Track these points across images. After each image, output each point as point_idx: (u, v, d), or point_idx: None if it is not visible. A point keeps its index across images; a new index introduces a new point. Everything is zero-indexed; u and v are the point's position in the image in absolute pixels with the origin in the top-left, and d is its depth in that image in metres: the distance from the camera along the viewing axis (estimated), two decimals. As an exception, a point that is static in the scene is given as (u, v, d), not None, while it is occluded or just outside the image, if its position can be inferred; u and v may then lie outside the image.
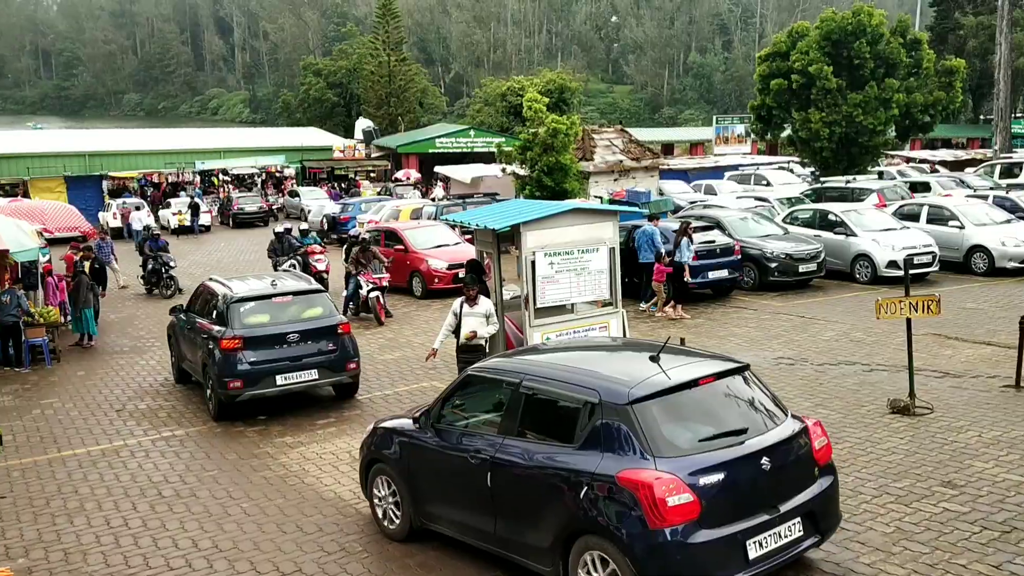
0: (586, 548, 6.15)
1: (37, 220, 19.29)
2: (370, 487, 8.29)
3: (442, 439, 7.44)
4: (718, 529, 5.88)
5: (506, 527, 6.80)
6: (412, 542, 7.87)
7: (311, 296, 12.84)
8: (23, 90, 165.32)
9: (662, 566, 5.77)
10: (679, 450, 6.05)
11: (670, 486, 5.77)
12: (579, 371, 6.75)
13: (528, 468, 6.57)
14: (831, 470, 6.79)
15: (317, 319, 12.43)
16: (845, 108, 31.82)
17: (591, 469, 6.10)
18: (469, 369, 7.78)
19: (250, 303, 12.39)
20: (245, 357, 11.83)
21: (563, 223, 11.51)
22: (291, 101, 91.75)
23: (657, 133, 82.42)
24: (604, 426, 6.18)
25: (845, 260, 20.27)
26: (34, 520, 9.01)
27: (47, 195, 42.24)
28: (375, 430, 8.32)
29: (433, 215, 27.25)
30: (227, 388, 11.76)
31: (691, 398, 6.43)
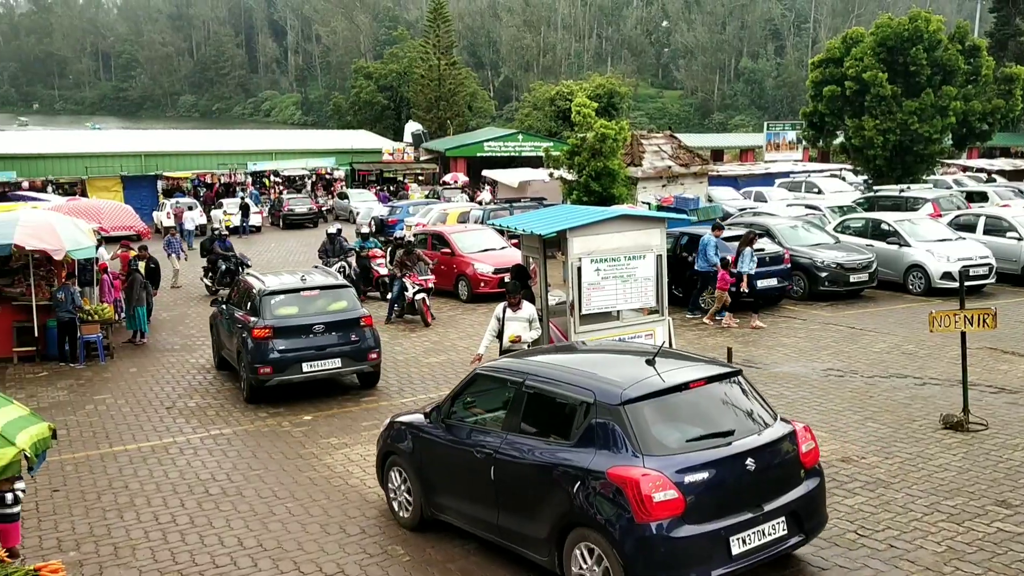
0: (579, 540, 6.49)
1: (94, 219, 19.70)
2: (385, 479, 8.70)
3: (451, 434, 7.83)
4: (702, 525, 6.19)
5: (507, 518, 7.17)
6: (450, 545, 7.90)
7: (337, 291, 13.81)
8: (83, 91, 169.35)
9: (647, 558, 6.09)
10: (667, 449, 6.39)
11: (656, 483, 6.10)
12: (577, 372, 7.14)
13: (528, 463, 6.95)
14: (817, 473, 7.02)
15: (341, 312, 13.40)
16: (900, 116, 31.27)
17: (585, 465, 6.45)
18: (477, 368, 8.18)
19: (280, 296, 13.35)
20: (275, 345, 12.79)
21: (610, 229, 11.46)
22: (342, 104, 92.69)
23: (707, 139, 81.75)
24: (598, 425, 6.54)
25: (898, 271, 19.91)
26: (86, 514, 9.19)
27: (104, 194, 43.17)
28: (391, 424, 8.74)
29: (480, 219, 27.31)
30: (257, 373, 12.72)
31: (681, 400, 6.75)
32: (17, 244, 15.01)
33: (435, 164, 57.75)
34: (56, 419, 12.13)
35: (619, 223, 11.63)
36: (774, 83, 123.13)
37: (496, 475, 7.19)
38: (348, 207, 43.73)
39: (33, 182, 44.68)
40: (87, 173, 48.14)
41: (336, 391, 13.62)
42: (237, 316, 13.82)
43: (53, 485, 10.02)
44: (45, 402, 13.65)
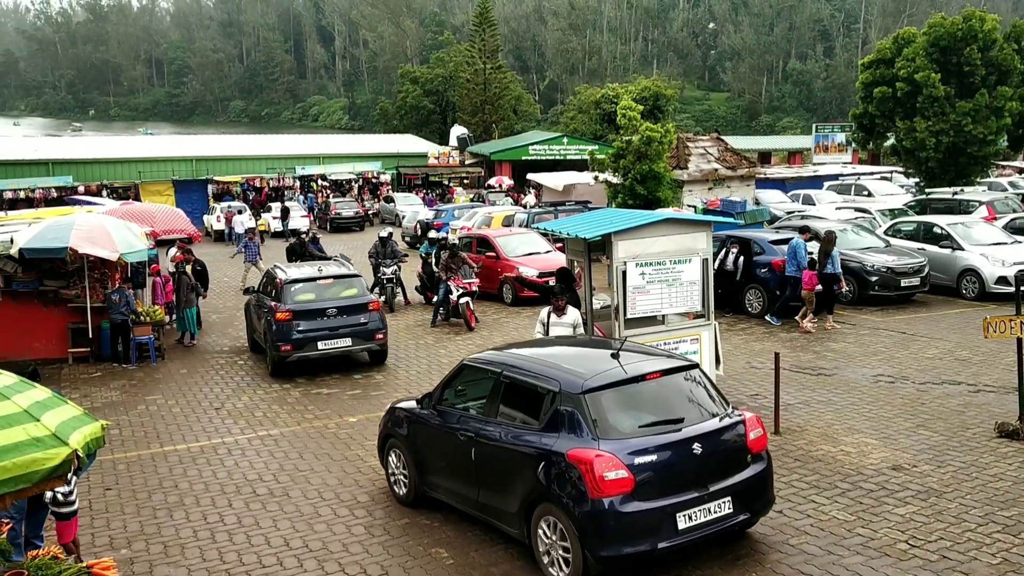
0: (543, 514, 7.22)
1: (146, 222, 20.08)
2: (385, 459, 9.56)
3: (440, 419, 8.61)
4: (650, 502, 6.85)
5: (486, 495, 7.94)
6: (493, 548, 7.91)
7: (348, 279, 15.76)
8: (137, 97, 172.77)
9: (600, 530, 6.77)
10: (621, 433, 7.08)
11: (609, 463, 6.78)
12: (547, 364, 7.88)
13: (503, 445, 7.69)
14: (763, 458, 7.61)
15: (352, 298, 15.34)
16: (953, 117, 30.62)
17: (549, 447, 7.18)
18: (465, 360, 8.92)
19: (299, 284, 15.35)
20: (294, 326, 14.73)
21: (655, 233, 11.37)
22: (388, 108, 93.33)
23: (754, 141, 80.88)
24: (562, 411, 7.28)
25: (951, 275, 19.51)
26: (136, 512, 9.37)
27: (156, 198, 44.07)
28: (391, 409, 9.59)
29: (525, 222, 27.32)
30: (279, 351, 14.70)
31: (637, 390, 7.47)
32: (72, 248, 15.35)
33: (480, 168, 57.91)
34: (109, 419, 12.36)
35: (664, 226, 11.54)
36: (823, 84, 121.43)
37: (476, 456, 7.94)
38: (394, 211, 44.03)
39: (88, 186, 45.68)
40: (140, 177, 49.10)
41: (383, 395, 13.71)
42: (265, 303, 15.68)
43: (106, 484, 10.23)
44: (98, 402, 13.94)
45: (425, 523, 8.69)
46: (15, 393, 5.90)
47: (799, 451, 10.16)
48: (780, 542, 7.90)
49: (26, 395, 5.96)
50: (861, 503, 8.63)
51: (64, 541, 7.36)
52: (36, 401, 5.95)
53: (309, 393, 14.01)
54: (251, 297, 17.12)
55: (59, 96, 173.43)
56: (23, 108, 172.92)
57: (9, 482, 5.46)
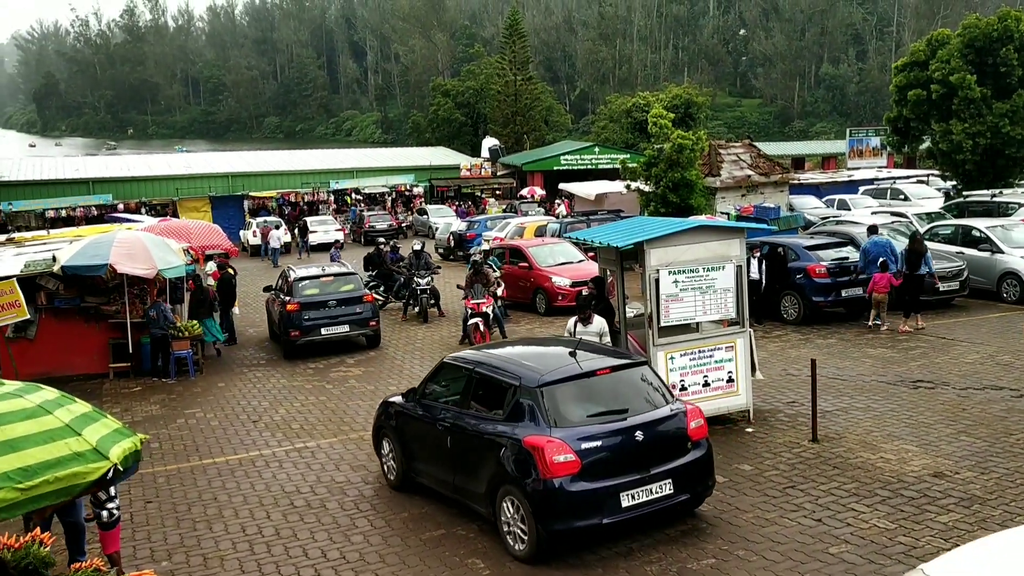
0: (505, 495, 8.05)
1: (184, 238, 20.35)
2: (378, 447, 10.51)
3: (423, 411, 9.54)
4: (596, 482, 7.72)
5: (460, 479, 8.81)
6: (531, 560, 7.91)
7: (346, 277, 19.05)
8: (174, 115, 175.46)
9: (550, 507, 7.64)
10: (570, 422, 7.97)
11: (558, 448, 7.67)
12: (512, 362, 8.78)
13: (473, 433, 8.58)
14: (704, 445, 8.42)
15: (349, 292, 18.52)
16: (990, 118, 30.13)
17: (510, 434, 8.06)
18: (445, 358, 9.82)
19: (306, 280, 18.57)
20: (301, 316, 17.78)
21: (688, 240, 11.32)
22: (420, 121, 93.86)
23: (787, 147, 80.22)
24: (521, 403, 8.16)
25: (991, 278, 19.20)
26: (176, 525, 9.48)
27: (194, 214, 44.61)
28: (383, 403, 10.61)
29: (557, 232, 27.32)
30: (290, 336, 17.84)
31: (589, 384, 8.37)
32: (112, 265, 15.58)
33: (512, 179, 58.02)
34: (149, 432, 12.54)
35: (697, 234, 11.48)
36: (856, 89, 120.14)
37: (452, 444, 8.86)
38: (427, 223, 44.25)
39: (127, 204, 46.42)
40: (178, 194, 49.79)
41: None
42: (279, 297, 18.73)
43: (146, 497, 10.37)
44: (139, 416, 14.14)
45: (461, 534, 8.71)
46: (57, 408, 6.02)
47: (838, 459, 10.05)
48: (819, 551, 7.82)
49: (67, 409, 6.08)
50: (902, 511, 8.51)
51: (108, 551, 7.47)
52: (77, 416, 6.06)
53: (345, 405, 14.11)
54: (270, 294, 19.95)
55: (99, 116, 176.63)
56: (64, 129, 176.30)
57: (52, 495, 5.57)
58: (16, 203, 45.01)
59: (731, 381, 11.59)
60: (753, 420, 11.69)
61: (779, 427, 11.42)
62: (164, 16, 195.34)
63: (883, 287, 16.78)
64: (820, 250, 18.62)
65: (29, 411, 5.86)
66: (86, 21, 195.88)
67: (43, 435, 5.71)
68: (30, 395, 6.07)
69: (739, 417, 11.81)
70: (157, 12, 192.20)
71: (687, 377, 11.33)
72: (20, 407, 5.86)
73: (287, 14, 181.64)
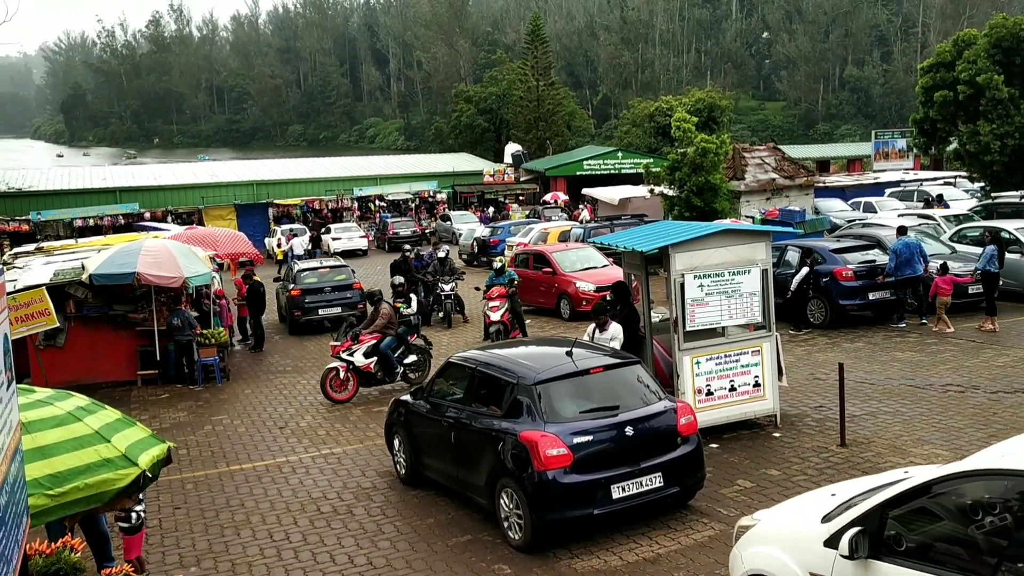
0: (503, 487, 8.45)
1: (210, 246, 20.54)
2: (390, 443, 11.00)
3: (429, 407, 9.98)
4: (588, 475, 8.12)
5: (463, 472, 9.23)
6: (556, 563, 7.87)
7: (340, 268, 22.97)
8: (199, 125, 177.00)
9: (544, 498, 8.02)
10: (564, 418, 8.38)
11: (551, 442, 8.05)
12: (511, 361, 9.20)
13: (474, 429, 8.99)
14: (694, 441, 8.80)
15: (342, 280, 22.33)
16: (1018, 119, 29.78)
17: (507, 430, 8.45)
18: (450, 358, 10.32)
19: (306, 271, 22.68)
20: (302, 300, 21.78)
21: (713, 244, 11.27)
22: (443, 128, 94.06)
23: (812, 150, 79.66)
24: (519, 400, 8.56)
25: (1020, 281, 18.95)
26: (205, 531, 9.54)
27: (219, 222, 44.97)
28: (394, 401, 11.05)
29: (581, 237, 27.28)
30: (293, 316, 21.87)
31: (582, 382, 8.80)
32: (139, 274, 15.73)
33: (535, 184, 58.02)
34: (177, 439, 12.64)
35: (722, 238, 11.42)
36: (881, 90, 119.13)
37: (455, 439, 9.28)
38: (451, 229, 44.34)
39: (154, 212, 46.88)
40: (203, 203, 50.19)
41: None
42: (286, 284, 22.59)
43: (175, 503, 10.45)
44: (167, 423, 14.26)
45: (488, 539, 8.71)
46: (87, 415, 6.08)
47: (867, 463, 9.95)
48: (849, 557, 7.72)
49: (97, 416, 6.14)
50: (932, 516, 8.39)
51: (130, 556, 7.53)
52: (107, 423, 6.12)
53: (370, 412, 14.15)
54: (280, 285, 23.67)
55: (125, 126, 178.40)
56: (91, 139, 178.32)
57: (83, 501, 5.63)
58: (45, 212, 45.56)
59: (758, 385, 11.51)
60: (780, 425, 11.60)
61: (807, 432, 11.33)
62: (189, 26, 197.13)
63: (947, 289, 16.67)
64: (847, 253, 18.45)
65: (60, 418, 5.92)
66: (112, 32, 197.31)
67: (73, 442, 5.77)
68: (60, 402, 6.15)
69: (766, 422, 11.73)
70: (182, 22, 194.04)
71: (713, 382, 11.27)
72: (51, 414, 5.93)
73: (310, 23, 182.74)
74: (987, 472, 4.93)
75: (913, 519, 5.17)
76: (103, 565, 7.59)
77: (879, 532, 5.15)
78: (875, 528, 5.16)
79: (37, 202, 47.58)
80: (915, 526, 5.15)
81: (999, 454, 5.07)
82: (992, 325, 16.60)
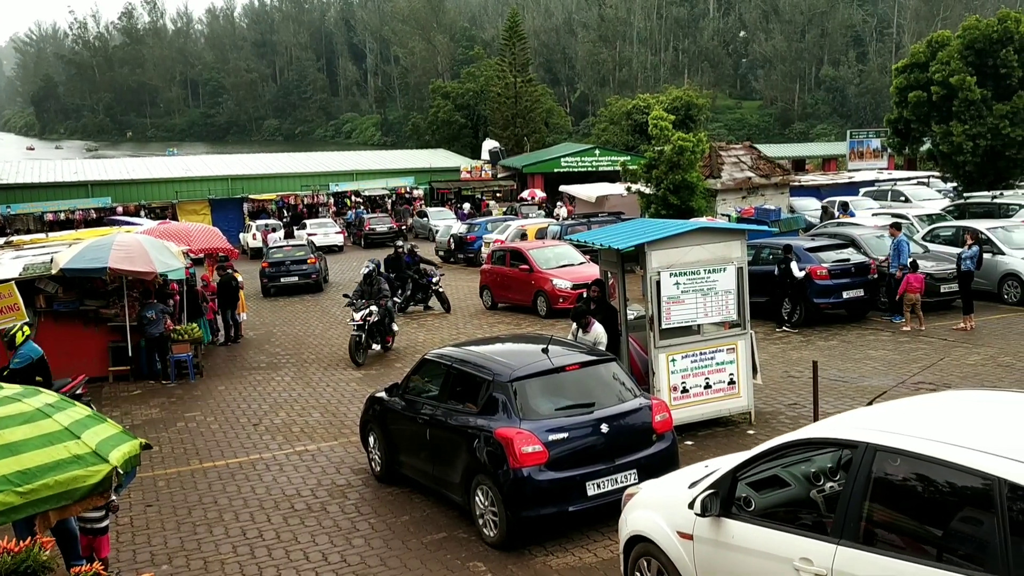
0: (479, 484, 8.45)
1: (184, 241, 20.33)
2: (365, 441, 10.93)
3: (404, 404, 9.93)
4: (563, 472, 8.14)
5: (438, 469, 9.22)
6: (532, 561, 7.86)
7: (301, 247, 29.77)
8: (173, 118, 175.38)
9: (519, 495, 8.02)
10: (539, 415, 8.38)
11: (527, 439, 8.05)
12: (487, 358, 9.18)
13: (450, 426, 8.97)
14: (669, 438, 8.87)
15: (301, 256, 28.64)
16: (991, 120, 30.12)
17: (483, 427, 8.43)
18: (426, 355, 10.25)
19: (274, 248, 29.88)
20: (271, 271, 28.15)
21: (689, 242, 11.31)
22: (420, 123, 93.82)
23: (787, 149, 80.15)
24: (494, 397, 8.55)
25: (992, 280, 19.18)
26: (177, 528, 9.45)
27: (193, 217, 44.58)
28: (369, 398, 11.00)
29: (558, 234, 27.31)
30: (264, 284, 28.09)
31: (558, 379, 8.78)
32: (111, 267, 15.55)
33: (512, 181, 57.99)
34: (149, 436, 12.51)
35: (698, 236, 11.46)
36: (856, 90, 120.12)
37: (431, 436, 9.26)
38: (427, 225, 44.22)
39: (127, 207, 46.40)
40: (177, 197, 49.74)
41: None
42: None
43: (147, 500, 10.34)
44: (139, 419, 14.11)
45: (463, 537, 8.69)
46: (56, 411, 5.99)
47: (840, 461, 10.00)
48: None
49: (67, 413, 6.05)
50: (904, 513, 8.47)
51: (103, 555, 7.44)
52: (76, 419, 6.03)
53: (346, 408, 14.07)
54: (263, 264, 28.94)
55: (97, 119, 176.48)
56: (62, 131, 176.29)
57: (52, 499, 5.54)
58: (15, 206, 44.97)
59: (733, 383, 11.57)
60: (755, 422, 11.66)
61: (781, 429, 11.38)
62: (163, 18, 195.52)
63: (917, 287, 16.82)
64: (821, 252, 18.59)
65: (28, 415, 5.83)
66: (84, 24, 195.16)
67: (42, 438, 5.68)
68: (29, 399, 6.05)
69: (741, 419, 11.79)
70: (156, 14, 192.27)
71: (689, 379, 11.31)
72: (19, 411, 5.84)
73: (286, 16, 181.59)
74: (815, 441, 5.70)
75: (763, 483, 5.91)
76: (71, 563, 7.49)
77: (730, 494, 5.78)
78: (726, 490, 5.79)
79: (7, 195, 46.90)
80: (763, 489, 5.90)
81: (830, 424, 5.81)
82: (969, 323, 16.77)
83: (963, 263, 17.04)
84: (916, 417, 5.45)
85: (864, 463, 5.08)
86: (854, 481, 5.11)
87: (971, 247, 17.20)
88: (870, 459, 5.06)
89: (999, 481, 4.40)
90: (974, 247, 17.21)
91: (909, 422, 5.31)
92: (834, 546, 5.05)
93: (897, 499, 5.10)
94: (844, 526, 5.07)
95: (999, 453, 4.54)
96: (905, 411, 5.62)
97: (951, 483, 4.74)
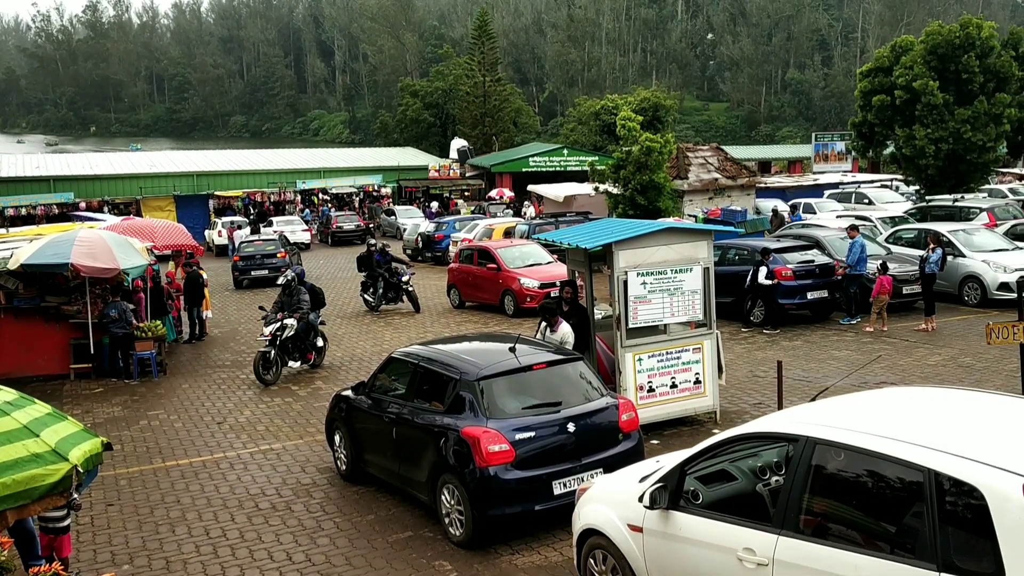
0: (445, 483, 8.44)
1: (148, 237, 20.09)
2: (331, 439, 10.89)
3: (371, 403, 9.89)
4: (529, 471, 8.13)
5: (404, 468, 9.19)
6: (498, 560, 7.87)
7: (271, 241, 31.74)
8: (138, 113, 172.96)
9: (486, 494, 8.01)
10: (506, 414, 8.34)
11: (493, 438, 8.03)
12: (454, 356, 9.18)
13: (416, 424, 8.94)
14: (635, 437, 8.92)
15: (271, 250, 30.35)
16: (952, 124, 30.61)
17: (449, 425, 8.41)
18: (393, 353, 10.20)
19: (245, 243, 31.47)
20: (243, 264, 29.90)
21: (656, 242, 11.36)
22: (389, 122, 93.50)
23: (753, 151, 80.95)
24: (461, 395, 8.53)
25: (952, 282, 19.48)
26: (139, 528, 9.33)
27: (158, 213, 44.13)
28: (335, 396, 10.92)
29: (526, 233, 27.33)
30: (235, 277, 30.01)
31: (525, 378, 8.77)
32: (74, 264, 15.31)
33: (481, 180, 57.98)
34: (111, 434, 12.35)
35: (665, 236, 11.52)
36: (822, 94, 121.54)
37: (397, 435, 9.21)
38: (395, 223, 44.06)
39: (90, 202, 45.78)
40: (141, 193, 49.20)
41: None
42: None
43: (108, 499, 10.20)
44: (100, 418, 13.91)
45: (429, 536, 8.66)
46: (15, 409, 5.89)
47: (803, 460, 10.10)
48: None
49: (26, 411, 5.95)
50: (866, 511, 8.57)
51: (62, 555, 7.33)
52: (35, 417, 5.94)
53: (311, 407, 13.99)
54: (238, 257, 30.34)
55: (60, 113, 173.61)
56: (24, 126, 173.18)
57: (10, 498, 5.45)
58: (-25, 201, 44.22)
59: (698, 383, 11.65)
60: (720, 421, 11.75)
61: (745, 428, 11.47)
62: (128, 12, 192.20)
63: (888, 289, 17.07)
64: (786, 253, 18.77)
65: (-14, 412, 5.73)
66: (48, 16, 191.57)
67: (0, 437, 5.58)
68: (-13, 396, 5.94)
69: (706, 418, 11.87)
70: (121, 8, 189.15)
71: (655, 378, 11.37)
72: (-24, 408, 5.73)
73: (254, 12, 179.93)
74: (758, 435, 5.86)
75: (712, 477, 6.06)
76: (30, 563, 7.37)
77: (678, 487, 5.93)
78: (675, 484, 5.94)
79: (-34, 190, 46.14)
80: (711, 483, 6.05)
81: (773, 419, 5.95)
82: (931, 325, 17.03)
83: (927, 266, 17.29)
84: (855, 412, 5.64)
85: (804, 456, 5.26)
86: (795, 473, 5.29)
87: (935, 250, 17.46)
88: (810, 452, 5.24)
89: (929, 472, 4.60)
90: (938, 250, 17.48)
91: (848, 417, 5.50)
92: (775, 536, 5.23)
93: (835, 490, 5.26)
94: (785, 517, 5.24)
95: (930, 445, 4.73)
96: (845, 406, 5.81)
97: (885, 475, 4.93)
